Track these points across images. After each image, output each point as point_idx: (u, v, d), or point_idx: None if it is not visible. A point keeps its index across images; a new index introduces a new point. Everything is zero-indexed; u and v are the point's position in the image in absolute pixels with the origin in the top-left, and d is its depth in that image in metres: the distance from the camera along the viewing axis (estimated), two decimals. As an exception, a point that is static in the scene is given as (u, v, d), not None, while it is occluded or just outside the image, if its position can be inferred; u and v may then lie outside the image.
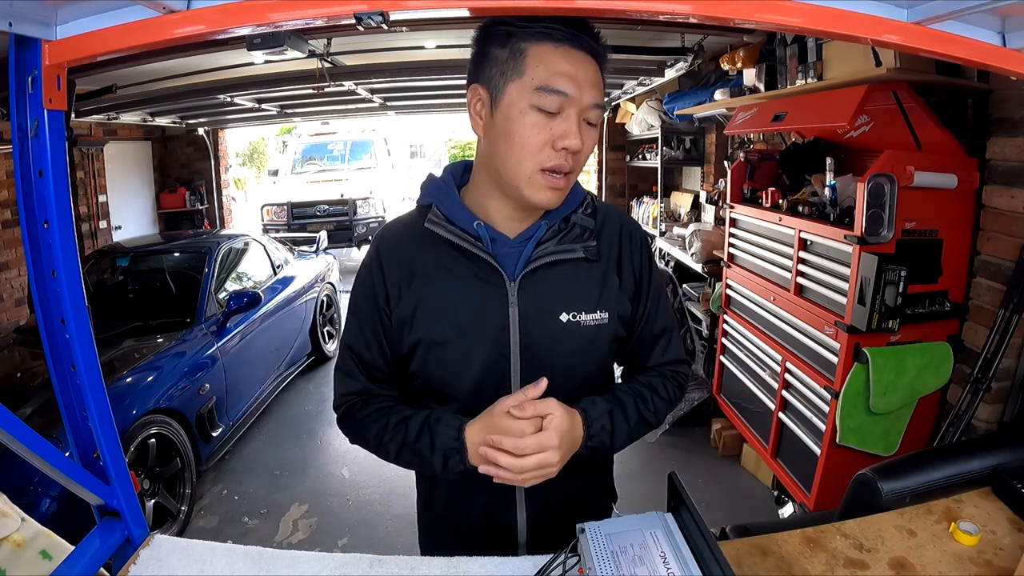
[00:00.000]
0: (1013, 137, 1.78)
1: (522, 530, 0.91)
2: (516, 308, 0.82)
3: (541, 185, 0.77)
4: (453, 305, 0.83)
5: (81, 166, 5.05)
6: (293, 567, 0.87)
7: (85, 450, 0.89)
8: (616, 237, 0.89)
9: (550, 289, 0.83)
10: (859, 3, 0.69)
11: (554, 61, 0.74)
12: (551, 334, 0.83)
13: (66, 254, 0.79)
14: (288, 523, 2.60)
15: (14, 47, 0.73)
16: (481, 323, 0.82)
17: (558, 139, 0.75)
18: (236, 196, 8.59)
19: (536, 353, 0.83)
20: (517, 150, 0.76)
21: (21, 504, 1.01)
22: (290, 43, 2.26)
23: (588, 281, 0.85)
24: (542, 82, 0.74)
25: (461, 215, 0.84)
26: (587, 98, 0.76)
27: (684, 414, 3.18)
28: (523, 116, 0.75)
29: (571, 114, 0.75)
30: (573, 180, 0.81)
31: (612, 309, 0.86)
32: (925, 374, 1.95)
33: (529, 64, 0.74)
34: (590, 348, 0.86)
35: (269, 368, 3.54)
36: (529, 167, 0.76)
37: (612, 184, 6.05)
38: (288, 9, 0.68)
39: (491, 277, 0.82)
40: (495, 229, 0.84)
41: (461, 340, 0.83)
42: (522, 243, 0.84)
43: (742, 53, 2.80)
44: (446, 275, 0.83)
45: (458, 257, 0.83)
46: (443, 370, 0.85)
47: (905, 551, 0.87)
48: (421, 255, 0.85)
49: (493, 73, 0.77)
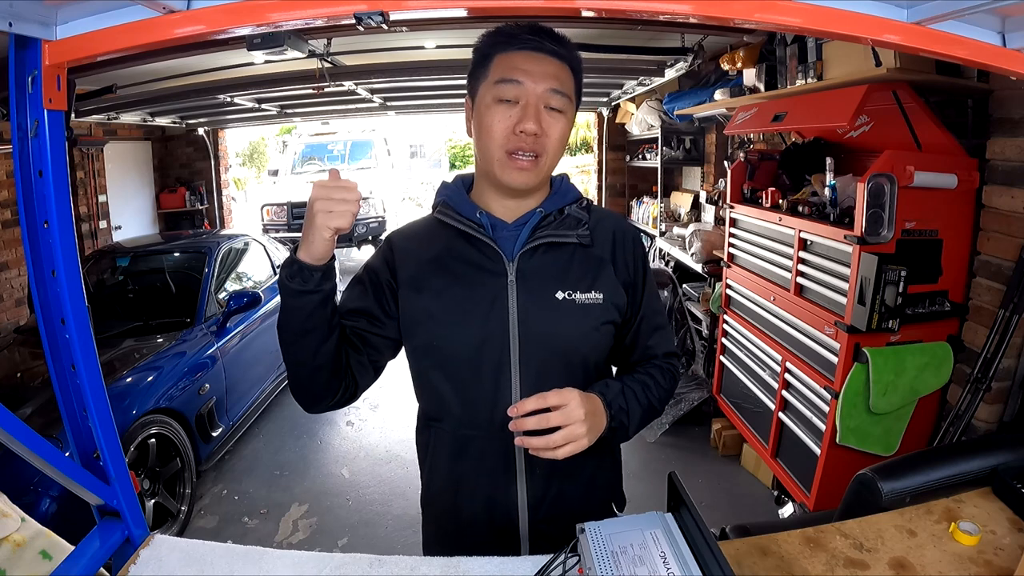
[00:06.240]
0: (1013, 137, 1.78)
1: (523, 514, 0.93)
2: (515, 286, 0.89)
3: (509, 167, 0.87)
4: (458, 283, 0.90)
5: (81, 166, 5.05)
6: (293, 567, 0.87)
7: (85, 450, 0.89)
8: (610, 234, 0.96)
9: (546, 268, 0.91)
10: (859, 3, 0.69)
11: (512, 60, 0.86)
12: (547, 310, 0.89)
13: (66, 254, 0.79)
14: (288, 523, 2.60)
15: (14, 47, 0.73)
16: (482, 299, 0.89)
17: (517, 124, 0.85)
18: (236, 196, 8.58)
19: (533, 327, 0.89)
20: (487, 138, 0.87)
21: (21, 504, 1.01)
22: (290, 43, 2.26)
23: (583, 264, 0.92)
24: (500, 76, 0.85)
25: (466, 207, 0.93)
26: (542, 86, 0.85)
27: (684, 414, 3.18)
28: (489, 109, 0.86)
29: (528, 102, 0.85)
30: (544, 164, 0.88)
31: (607, 292, 0.92)
32: (925, 374, 1.95)
33: (492, 67, 0.87)
34: (585, 325, 0.90)
35: (269, 368, 3.54)
36: (497, 152, 0.87)
37: (612, 184, 6.04)
38: (288, 9, 0.68)
39: (492, 257, 0.90)
40: (495, 216, 0.93)
41: (465, 313, 0.89)
42: (519, 227, 0.93)
43: (742, 53, 2.80)
44: (451, 257, 0.92)
45: (463, 242, 0.92)
46: (445, 342, 0.90)
47: (905, 551, 0.87)
48: (431, 241, 0.94)
49: (474, 84, 0.90)
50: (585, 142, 14.56)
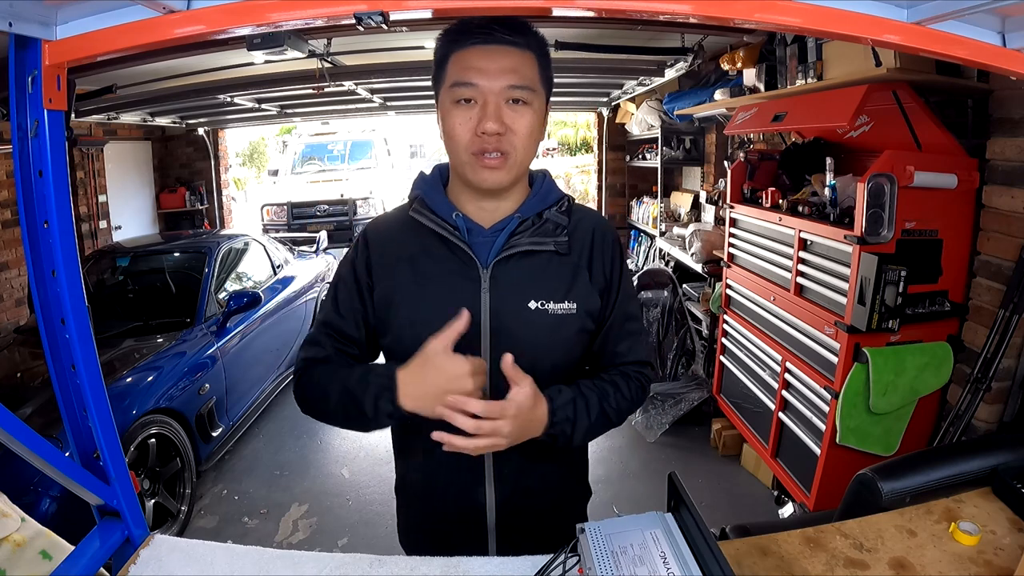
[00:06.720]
0: (1013, 137, 1.77)
1: (491, 511, 0.94)
2: (488, 294, 0.88)
3: (478, 167, 0.85)
4: (430, 287, 0.89)
5: (81, 166, 5.05)
6: (293, 567, 0.87)
7: (85, 450, 0.89)
8: (589, 236, 0.94)
9: (520, 277, 0.89)
10: (859, 3, 0.69)
11: (464, 59, 0.83)
12: (519, 320, 0.88)
13: (66, 254, 0.79)
14: (288, 523, 2.60)
15: (14, 47, 0.73)
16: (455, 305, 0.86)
17: (478, 125, 0.82)
18: (236, 196, 8.57)
19: (505, 337, 0.88)
20: (452, 143, 0.85)
21: (21, 504, 1.01)
22: (290, 43, 2.26)
23: (558, 272, 0.90)
24: (454, 79, 0.83)
25: (443, 206, 0.91)
26: (499, 83, 0.82)
27: (684, 414, 3.18)
28: (449, 113, 0.84)
29: (486, 101, 0.82)
30: (515, 160, 0.85)
31: (581, 301, 0.90)
32: (925, 374, 1.95)
33: (447, 69, 0.84)
34: (557, 336, 0.89)
35: (269, 368, 3.54)
36: (464, 155, 0.85)
37: (612, 184, 6.04)
38: (288, 9, 0.68)
39: (466, 263, 0.88)
40: (471, 220, 0.91)
41: (435, 321, 0.85)
42: (495, 233, 0.90)
43: (742, 53, 2.80)
44: (426, 260, 0.90)
45: (438, 244, 0.90)
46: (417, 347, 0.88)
47: (905, 551, 0.87)
48: (406, 240, 0.92)
49: (436, 88, 0.88)
50: (585, 142, 14.55)
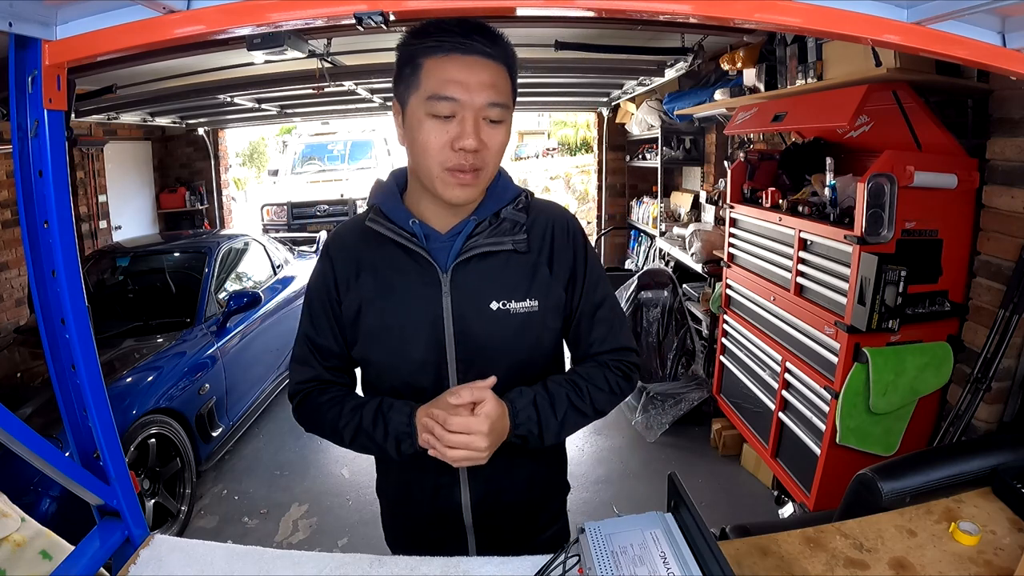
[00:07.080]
0: (1013, 137, 1.77)
1: (467, 511, 0.95)
2: (449, 298, 0.88)
3: (450, 183, 0.82)
4: (394, 296, 0.90)
5: (81, 166, 5.05)
6: (293, 567, 0.87)
7: (85, 450, 0.89)
8: (548, 230, 0.93)
9: (480, 279, 0.89)
10: (859, 3, 0.69)
11: (444, 70, 0.79)
12: (483, 321, 0.88)
13: (66, 254, 0.79)
14: (288, 523, 2.60)
15: (14, 47, 0.73)
16: (419, 312, 0.89)
17: (455, 140, 0.80)
18: (236, 196, 8.56)
19: (470, 339, 0.89)
20: (422, 155, 0.82)
21: (21, 504, 1.01)
22: (290, 43, 2.26)
23: (517, 271, 0.90)
24: (432, 91, 0.79)
25: (399, 214, 0.90)
26: (480, 99, 0.79)
27: (684, 414, 3.18)
28: (421, 125, 0.81)
29: (465, 116, 0.79)
30: (485, 175, 0.84)
31: (542, 298, 0.90)
32: (925, 374, 1.95)
33: (423, 76, 0.80)
34: (521, 335, 0.90)
35: (269, 368, 3.54)
36: (436, 168, 0.82)
37: (612, 184, 6.04)
38: (288, 9, 0.68)
39: (426, 269, 0.89)
40: (428, 225, 0.90)
41: (402, 328, 0.89)
42: (453, 237, 0.90)
43: (742, 53, 2.80)
44: (387, 269, 0.90)
45: (397, 252, 0.90)
46: (386, 356, 0.91)
47: (905, 551, 0.87)
48: (367, 251, 0.92)
49: (401, 89, 0.83)
50: (585, 142, 14.54)
